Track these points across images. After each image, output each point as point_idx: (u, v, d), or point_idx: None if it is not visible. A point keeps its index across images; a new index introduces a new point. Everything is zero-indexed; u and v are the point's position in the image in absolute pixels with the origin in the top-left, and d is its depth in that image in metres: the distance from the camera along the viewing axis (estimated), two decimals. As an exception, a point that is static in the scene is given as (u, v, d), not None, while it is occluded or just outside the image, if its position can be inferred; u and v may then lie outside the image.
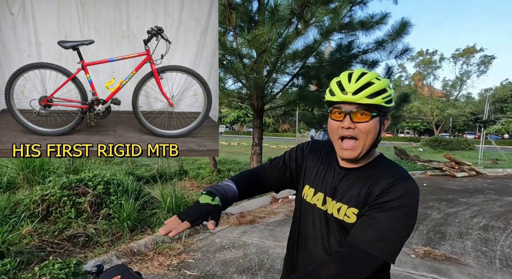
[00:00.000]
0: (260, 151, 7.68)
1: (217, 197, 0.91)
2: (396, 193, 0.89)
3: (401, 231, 0.87)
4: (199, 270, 3.28)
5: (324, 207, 1.03)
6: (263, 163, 1.21)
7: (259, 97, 7.18)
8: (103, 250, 3.33)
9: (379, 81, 0.94)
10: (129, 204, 3.97)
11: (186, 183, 7.38)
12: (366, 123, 0.93)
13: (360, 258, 0.86)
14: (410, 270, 3.25)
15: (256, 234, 4.44)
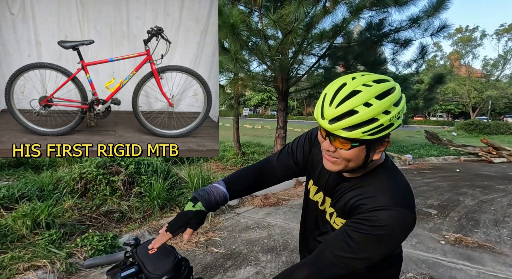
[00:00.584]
0: (285, 134, 7.55)
1: (199, 203, 0.93)
2: (380, 220, 0.81)
3: (374, 254, 0.84)
4: (225, 248, 3.41)
5: (322, 207, 1.03)
6: (266, 158, 1.16)
7: (284, 80, 7.02)
8: (136, 226, 3.58)
9: (366, 110, 0.76)
10: (158, 184, 4.23)
11: (212, 164, 7.58)
12: (346, 151, 0.82)
13: (329, 265, 0.86)
14: (439, 257, 3.18)
15: (280, 215, 4.50)
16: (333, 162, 0.86)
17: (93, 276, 2.79)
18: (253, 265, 3.06)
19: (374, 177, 0.89)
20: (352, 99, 0.77)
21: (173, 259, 0.90)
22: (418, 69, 7.73)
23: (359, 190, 0.89)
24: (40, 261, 2.68)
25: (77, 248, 2.94)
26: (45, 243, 2.89)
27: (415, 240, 3.60)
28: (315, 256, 0.90)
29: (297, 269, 0.91)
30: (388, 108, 0.77)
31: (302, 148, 1.09)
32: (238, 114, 9.64)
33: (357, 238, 0.82)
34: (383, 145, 0.84)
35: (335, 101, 0.79)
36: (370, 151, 0.83)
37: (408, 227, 0.84)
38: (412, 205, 0.87)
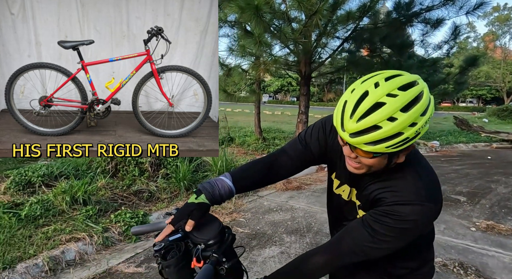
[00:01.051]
0: (307, 119, 7.42)
1: (202, 195, 0.93)
2: (404, 215, 0.80)
3: (395, 244, 0.84)
4: (250, 228, 3.54)
5: (348, 199, 1.01)
6: (277, 150, 1.12)
7: (307, 63, 6.89)
8: (164, 205, 3.82)
9: (391, 125, 0.71)
10: (184, 166, 4.47)
11: (234, 149, 7.78)
12: (367, 159, 0.80)
13: (348, 252, 0.87)
14: (470, 243, 3.16)
15: (303, 199, 4.57)
16: (355, 167, 0.85)
17: (126, 249, 3.03)
18: (278, 245, 3.15)
19: (399, 170, 0.86)
20: (375, 114, 0.72)
21: (218, 226, 0.93)
22: (449, 52, 7.29)
23: (382, 183, 0.87)
24: (80, 234, 2.95)
25: (111, 224, 3.23)
26: (83, 218, 3.19)
27: (443, 226, 3.58)
28: (334, 242, 0.91)
29: (316, 254, 0.91)
30: (414, 120, 0.72)
31: (316, 138, 1.04)
32: (260, 99, 9.60)
33: (379, 230, 0.82)
34: (408, 149, 0.80)
35: (356, 114, 0.74)
36: (393, 158, 0.81)
37: (432, 219, 0.84)
38: (437, 196, 0.85)
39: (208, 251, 0.88)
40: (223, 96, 8.60)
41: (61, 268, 2.66)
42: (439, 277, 2.57)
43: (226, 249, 0.90)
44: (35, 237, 2.85)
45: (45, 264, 2.58)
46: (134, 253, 2.95)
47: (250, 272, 2.63)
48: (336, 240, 0.91)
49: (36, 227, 3.02)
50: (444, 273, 2.63)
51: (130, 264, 2.76)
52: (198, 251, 0.87)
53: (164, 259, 0.88)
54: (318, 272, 0.90)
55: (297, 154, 1.06)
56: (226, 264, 0.86)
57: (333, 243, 0.91)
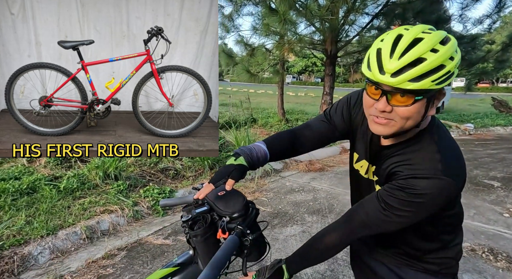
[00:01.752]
0: (331, 100, 7.25)
1: (241, 157, 0.95)
2: (419, 189, 0.77)
3: (409, 219, 0.82)
4: (272, 207, 3.61)
5: (366, 176, 0.99)
6: (305, 122, 1.14)
7: (333, 42, 6.67)
8: (189, 182, 4.02)
9: (435, 56, 0.71)
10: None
11: (256, 130, 7.82)
12: (406, 108, 0.75)
13: (361, 226, 0.87)
14: (502, 229, 3.10)
15: (325, 181, 4.57)
16: (385, 124, 0.80)
17: (155, 223, 3.19)
18: (299, 224, 3.19)
19: (417, 142, 0.84)
20: (417, 47, 0.71)
21: (242, 200, 0.97)
22: (491, 27, 6.74)
23: (398, 157, 0.85)
24: (112, 206, 3.17)
25: (140, 198, 3.44)
26: (115, 192, 3.42)
27: (473, 211, 3.51)
28: (347, 217, 0.91)
29: (330, 231, 0.92)
30: (452, 55, 0.72)
31: (341, 112, 1.04)
32: (283, 80, 9.48)
33: (391, 203, 0.80)
34: (440, 96, 0.79)
35: (396, 52, 0.72)
36: (430, 105, 0.78)
37: (449, 195, 0.79)
38: (458, 172, 0.81)
39: (233, 223, 0.92)
40: (246, 77, 8.37)
41: (97, 237, 2.88)
42: (466, 261, 2.54)
43: (250, 222, 0.95)
44: (73, 207, 3.10)
45: (82, 232, 2.81)
46: (162, 226, 3.12)
47: (272, 249, 2.68)
48: (349, 215, 0.91)
49: (73, 199, 3.29)
50: (472, 258, 2.59)
51: (159, 236, 2.93)
52: (224, 223, 0.92)
53: (191, 229, 0.94)
54: (335, 248, 0.91)
55: (321, 128, 1.07)
56: (250, 236, 0.89)
57: (346, 218, 0.91)
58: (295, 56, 9.32)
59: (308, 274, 2.40)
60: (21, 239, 2.58)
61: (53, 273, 2.35)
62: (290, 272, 0.95)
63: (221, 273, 0.81)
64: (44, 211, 2.96)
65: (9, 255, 2.43)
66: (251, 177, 4.57)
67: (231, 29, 8.20)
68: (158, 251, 2.70)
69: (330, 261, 2.53)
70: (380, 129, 0.82)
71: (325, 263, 2.52)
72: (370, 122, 0.84)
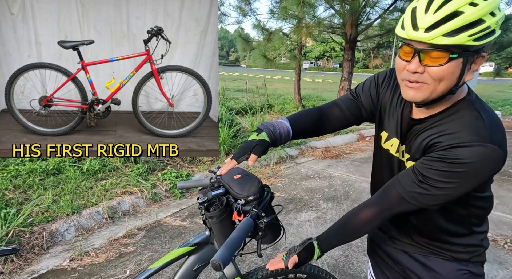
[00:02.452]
0: (349, 86, 7.09)
1: (263, 133, 0.94)
2: (460, 158, 0.72)
3: (450, 192, 0.76)
4: (287, 193, 3.63)
5: (397, 154, 0.94)
6: (329, 102, 1.11)
7: (354, 26, 6.47)
8: (205, 167, 4.15)
9: (473, 9, 0.66)
10: (224, 131, 4.65)
11: (272, 116, 7.79)
12: (440, 67, 0.71)
13: (398, 202, 0.83)
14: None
15: (341, 168, 4.54)
16: (417, 88, 0.76)
17: (172, 205, 3.33)
18: (314, 210, 3.22)
19: (455, 112, 0.79)
20: (455, 0, 0.67)
21: (258, 184, 1.00)
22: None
23: (436, 128, 0.80)
24: (132, 188, 3.34)
25: (159, 181, 3.60)
26: (134, 174, 3.59)
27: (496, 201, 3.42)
28: (382, 193, 0.87)
29: (364, 208, 0.89)
30: (493, 10, 0.67)
31: (368, 91, 1.01)
32: (300, 65, 9.34)
33: (431, 176, 0.76)
34: (479, 60, 0.74)
35: (432, 6, 0.69)
36: (466, 67, 0.72)
37: (495, 164, 0.73)
38: (502, 141, 0.74)
39: (248, 206, 0.94)
40: (262, 62, 8.25)
41: (118, 217, 3.04)
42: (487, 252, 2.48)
43: (265, 205, 0.97)
44: (96, 188, 3.28)
45: (105, 212, 2.98)
46: (179, 208, 3.25)
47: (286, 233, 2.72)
48: (383, 191, 0.87)
49: (96, 180, 3.46)
50: (493, 248, 2.56)
51: (176, 218, 3.06)
52: (239, 206, 0.94)
53: (207, 211, 0.97)
54: (368, 224, 0.88)
55: (348, 107, 1.05)
56: (265, 218, 0.91)
57: (380, 194, 0.88)
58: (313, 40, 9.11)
59: (322, 259, 2.42)
60: (49, 216, 2.75)
61: (78, 249, 2.50)
62: (322, 248, 0.94)
63: (236, 253, 0.83)
64: (69, 191, 3.15)
65: (39, 231, 2.60)
66: (267, 163, 4.60)
67: (248, 13, 8.00)
68: (175, 232, 2.81)
69: (344, 247, 2.55)
70: (411, 93, 0.77)
71: (339, 248, 2.52)
72: (403, 87, 0.80)
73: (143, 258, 2.44)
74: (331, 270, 2.29)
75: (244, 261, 2.32)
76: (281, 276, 1.18)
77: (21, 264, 2.34)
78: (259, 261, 2.32)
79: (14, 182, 3.17)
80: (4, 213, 2.59)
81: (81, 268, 2.32)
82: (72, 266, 2.33)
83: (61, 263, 2.35)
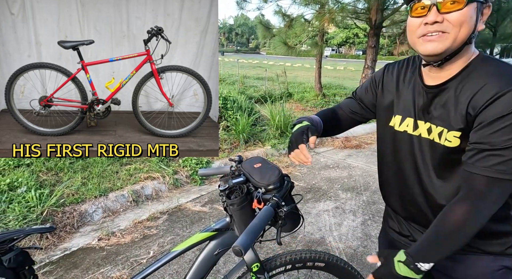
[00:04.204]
0: None
1: (304, 121, 1.01)
2: (506, 105, 0.69)
3: None
4: (305, 182, 3.62)
5: (416, 132, 0.89)
6: (337, 104, 1.17)
7: (379, 10, 6.17)
8: (224, 155, 4.17)
9: None
10: (243, 119, 4.68)
11: (292, 105, 7.76)
12: (459, 11, 0.72)
13: (486, 186, 0.73)
14: None
15: (361, 158, 4.47)
16: (438, 38, 0.75)
17: (193, 191, 3.45)
18: (333, 200, 3.22)
19: (474, 70, 0.78)
20: None
21: (278, 173, 1.02)
22: None
23: (463, 93, 0.77)
24: (155, 174, 3.46)
25: (180, 168, 3.71)
26: (156, 160, 3.69)
27: None
28: (465, 187, 0.77)
29: (453, 206, 0.78)
30: None
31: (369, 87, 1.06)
32: (321, 53, 9.20)
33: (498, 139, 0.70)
34: (486, 10, 0.77)
35: None
36: (479, 14, 0.75)
37: None
38: None
39: (268, 194, 0.96)
40: (283, 50, 8.09)
41: (142, 201, 3.18)
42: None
43: (285, 194, 0.99)
44: (121, 173, 3.43)
45: (129, 195, 3.13)
46: (200, 194, 3.37)
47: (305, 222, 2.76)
48: (465, 185, 0.77)
49: (120, 165, 3.61)
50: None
51: (196, 204, 3.17)
52: (259, 194, 0.96)
53: (228, 198, 0.99)
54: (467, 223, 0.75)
55: (351, 107, 1.11)
56: (285, 207, 0.92)
57: (463, 189, 0.77)
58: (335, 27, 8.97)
59: (340, 249, 2.43)
60: (79, 197, 2.91)
61: (106, 229, 2.65)
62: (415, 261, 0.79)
63: (256, 240, 0.86)
64: (96, 174, 3.30)
65: (70, 211, 2.76)
66: (285, 152, 4.61)
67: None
68: (196, 217, 2.91)
69: (363, 238, 2.56)
70: (433, 45, 0.76)
71: (358, 239, 2.54)
72: (420, 45, 0.79)
73: (165, 240, 2.54)
74: (349, 259, 2.31)
75: (262, 247, 2.37)
76: (299, 264, 1.20)
77: (55, 241, 2.50)
78: (276, 248, 2.35)
79: (46, 164, 3.33)
80: (39, 193, 2.76)
81: (109, 247, 2.45)
82: (100, 245, 2.47)
83: (90, 242, 2.50)
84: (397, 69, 0.99)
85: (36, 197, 2.69)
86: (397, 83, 0.96)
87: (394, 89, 0.97)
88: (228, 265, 2.20)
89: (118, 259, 2.30)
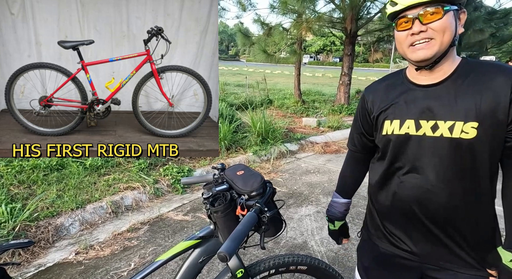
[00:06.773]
0: (349, 81, 7.16)
1: (335, 222, 1.22)
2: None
3: None
4: (287, 188, 3.66)
5: (420, 132, 0.90)
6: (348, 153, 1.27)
7: (354, 20, 6.54)
8: (206, 162, 4.15)
9: None
10: (225, 126, 4.62)
11: (272, 111, 7.80)
12: (440, 20, 0.82)
13: None
14: None
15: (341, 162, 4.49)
16: (427, 45, 0.84)
17: (174, 200, 3.36)
18: (314, 204, 3.25)
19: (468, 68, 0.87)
20: None
21: (260, 180, 1.04)
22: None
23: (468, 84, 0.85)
24: (135, 183, 3.36)
25: (160, 176, 3.63)
26: (136, 170, 3.61)
27: None
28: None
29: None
30: None
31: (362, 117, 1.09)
32: (300, 60, 9.40)
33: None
34: (462, 16, 0.87)
35: None
36: (457, 20, 0.85)
37: None
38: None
39: (251, 201, 0.98)
40: (263, 57, 8.32)
41: (121, 211, 3.08)
42: None
43: (267, 200, 1.01)
44: (99, 183, 3.30)
45: (108, 207, 3.01)
46: (181, 203, 3.29)
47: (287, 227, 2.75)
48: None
49: (98, 175, 3.48)
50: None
51: (178, 213, 3.10)
52: (242, 201, 0.99)
53: (212, 205, 1.00)
54: None
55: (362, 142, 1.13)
56: (267, 213, 0.94)
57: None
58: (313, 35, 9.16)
59: (322, 252, 2.45)
60: (54, 211, 2.77)
61: (83, 242, 2.54)
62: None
63: (240, 246, 0.86)
64: (72, 186, 3.16)
65: (44, 225, 2.63)
66: (267, 158, 4.62)
67: (247, 8, 8.01)
68: (178, 226, 2.85)
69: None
70: (423, 52, 0.85)
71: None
72: (411, 53, 0.87)
73: (147, 251, 2.48)
74: (330, 262, 2.32)
75: (245, 254, 2.36)
76: (283, 268, 1.21)
77: (28, 257, 2.36)
78: (260, 254, 2.35)
79: (18, 177, 3.18)
80: (10, 207, 2.62)
81: (87, 261, 2.35)
82: (78, 259, 2.37)
83: (67, 257, 2.39)
84: (380, 85, 1.04)
85: (7, 212, 2.55)
86: (387, 93, 0.99)
87: (386, 99, 0.98)
88: (212, 273, 2.17)
89: (97, 273, 2.20)
